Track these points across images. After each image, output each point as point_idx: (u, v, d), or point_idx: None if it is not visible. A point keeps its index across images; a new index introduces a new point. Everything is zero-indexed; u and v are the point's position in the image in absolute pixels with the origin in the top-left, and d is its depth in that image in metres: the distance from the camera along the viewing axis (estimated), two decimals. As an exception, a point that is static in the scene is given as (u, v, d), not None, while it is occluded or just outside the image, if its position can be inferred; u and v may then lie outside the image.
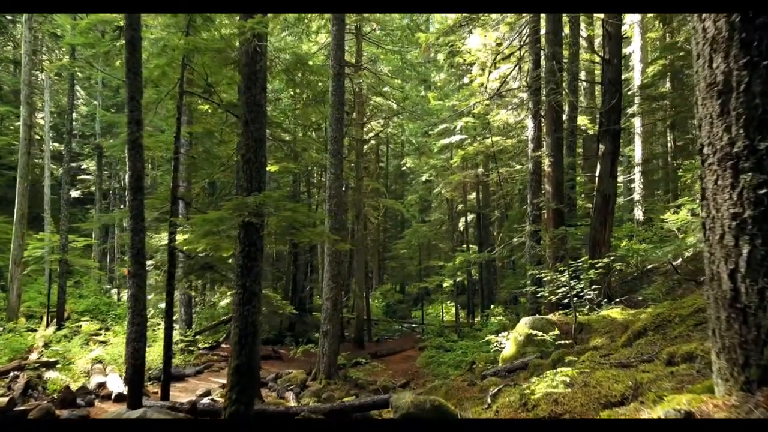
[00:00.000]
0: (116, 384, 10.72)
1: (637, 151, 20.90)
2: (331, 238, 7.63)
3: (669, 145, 22.50)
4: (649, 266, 15.53)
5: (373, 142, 29.00)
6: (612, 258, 8.52)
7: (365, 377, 14.25)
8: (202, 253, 7.82)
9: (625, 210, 22.36)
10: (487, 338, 9.97)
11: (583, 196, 19.32)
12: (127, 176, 7.96)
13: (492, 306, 22.53)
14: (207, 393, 11.03)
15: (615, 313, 7.89)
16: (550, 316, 8.35)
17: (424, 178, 26.04)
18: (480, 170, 21.66)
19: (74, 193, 30.61)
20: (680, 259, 13.81)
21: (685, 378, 2.83)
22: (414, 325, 25.35)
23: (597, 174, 11.84)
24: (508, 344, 8.49)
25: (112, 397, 10.29)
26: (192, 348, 14.39)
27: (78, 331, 17.42)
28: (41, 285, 22.68)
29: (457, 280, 25.34)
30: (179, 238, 9.04)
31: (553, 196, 11.96)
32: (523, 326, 8.15)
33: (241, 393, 6.23)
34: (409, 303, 31.37)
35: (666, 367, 3.19)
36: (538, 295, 9.31)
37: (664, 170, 22.03)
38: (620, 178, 19.30)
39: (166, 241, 9.13)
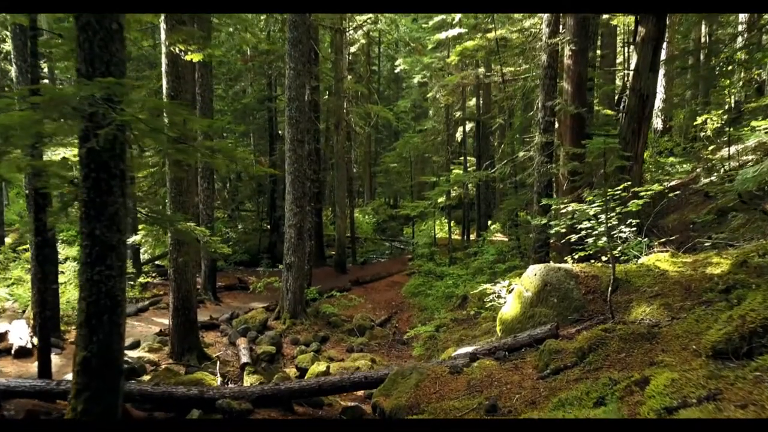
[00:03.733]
0: (22, 334, 8.60)
1: (663, 47, 17.67)
2: (241, 159, 4.99)
3: (703, 39, 19.22)
4: (671, 183, 13.19)
5: (362, 41, 25.31)
6: (664, 186, 6.06)
7: (340, 312, 12.33)
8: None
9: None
10: (482, 288, 7.75)
11: (597, 101, 16.54)
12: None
13: (489, 224, 20.43)
14: (136, 344, 9.01)
15: (663, 262, 5.54)
16: (569, 265, 6.01)
17: (416, 80, 22.82)
18: (481, 70, 18.47)
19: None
20: (713, 178, 11.36)
21: None
22: (404, 245, 23.44)
23: (633, 67, 9.00)
24: (509, 300, 6.23)
25: (12, 351, 8.25)
26: (133, 283, 12.25)
27: (19, 257, 15.27)
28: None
29: (452, 195, 22.99)
30: (70, 153, 6.52)
31: (573, 97, 9.20)
32: (532, 278, 5.84)
33: (93, 401, 4.01)
34: (400, 220, 29.33)
35: None
36: (552, 230, 6.93)
37: (695, 70, 18.90)
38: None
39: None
